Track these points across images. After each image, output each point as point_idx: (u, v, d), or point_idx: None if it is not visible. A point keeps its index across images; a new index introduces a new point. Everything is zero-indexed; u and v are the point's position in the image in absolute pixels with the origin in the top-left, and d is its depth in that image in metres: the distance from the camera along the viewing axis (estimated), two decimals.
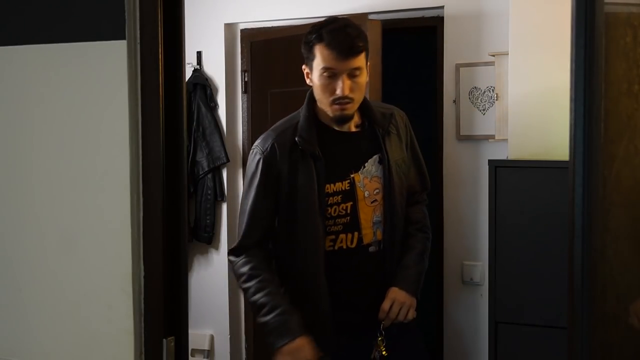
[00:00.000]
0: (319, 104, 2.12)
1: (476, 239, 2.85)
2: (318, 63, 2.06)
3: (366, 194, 2.15)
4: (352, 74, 2.04)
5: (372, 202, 2.16)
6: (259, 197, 2.10)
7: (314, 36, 2.06)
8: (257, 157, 2.13)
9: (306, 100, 2.17)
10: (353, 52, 2.03)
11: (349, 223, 2.12)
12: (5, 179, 1.58)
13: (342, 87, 2.04)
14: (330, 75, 2.04)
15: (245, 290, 2.09)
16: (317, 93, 2.10)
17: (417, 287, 2.15)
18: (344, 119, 2.11)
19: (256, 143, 2.19)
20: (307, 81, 2.13)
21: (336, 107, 2.08)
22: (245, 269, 2.09)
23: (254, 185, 2.11)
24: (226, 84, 3.30)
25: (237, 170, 3.36)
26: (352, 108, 2.09)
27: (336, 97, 2.05)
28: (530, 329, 2.31)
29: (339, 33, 2.03)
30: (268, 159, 2.11)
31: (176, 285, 1.51)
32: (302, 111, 2.16)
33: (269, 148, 2.12)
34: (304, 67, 2.13)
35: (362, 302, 2.12)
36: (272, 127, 2.21)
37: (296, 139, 2.10)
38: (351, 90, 2.04)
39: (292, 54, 3.21)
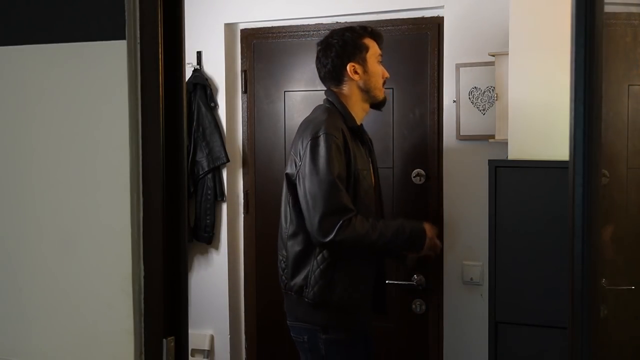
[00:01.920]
0: (372, 91, 2.42)
1: (476, 239, 2.85)
2: (375, 51, 2.44)
3: (372, 183, 2.45)
4: None
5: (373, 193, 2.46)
6: (341, 171, 2.25)
7: (360, 31, 2.44)
8: (330, 138, 2.25)
9: (336, 98, 2.42)
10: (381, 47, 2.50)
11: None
12: (5, 179, 1.58)
13: (385, 70, 2.47)
14: (380, 61, 2.45)
15: (381, 235, 2.26)
16: (374, 80, 2.43)
17: None
18: (385, 101, 2.49)
19: (317, 130, 2.27)
20: (355, 77, 2.40)
21: (383, 89, 2.47)
22: (367, 224, 2.25)
23: (333, 162, 2.24)
24: (226, 84, 3.29)
25: (237, 170, 3.36)
26: None
27: (385, 79, 2.46)
28: (530, 329, 2.31)
29: (376, 29, 2.50)
30: (339, 141, 2.27)
31: (176, 285, 1.51)
32: (338, 106, 2.40)
33: (337, 133, 2.28)
34: (352, 64, 2.40)
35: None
36: (317, 119, 2.34)
37: (351, 126, 2.36)
38: None
39: (292, 54, 3.21)
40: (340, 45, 2.40)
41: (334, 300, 2.30)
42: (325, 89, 2.50)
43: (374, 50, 2.43)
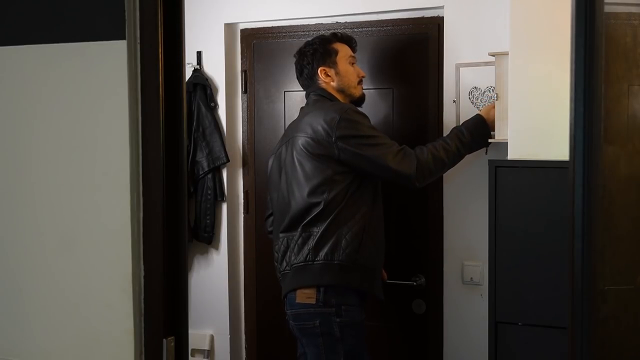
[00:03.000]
0: (347, 90, 2.64)
1: (476, 239, 2.85)
2: (345, 53, 2.66)
3: None
4: None
5: None
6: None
7: (329, 37, 2.68)
8: (356, 110, 2.56)
9: (324, 90, 2.64)
10: (356, 49, 2.74)
11: None
12: (5, 179, 1.58)
13: (360, 70, 2.71)
14: (353, 62, 2.67)
15: (447, 153, 2.53)
16: (347, 79, 2.65)
17: None
18: (364, 98, 2.72)
19: (339, 108, 2.51)
20: (328, 80, 2.64)
21: (360, 87, 2.69)
22: (428, 152, 2.51)
23: (368, 122, 2.55)
24: (226, 84, 3.29)
25: (237, 170, 3.36)
26: None
27: (360, 78, 2.68)
28: (530, 329, 2.31)
29: (345, 33, 2.75)
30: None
31: (176, 285, 1.51)
32: (328, 97, 2.63)
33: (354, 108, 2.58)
34: (322, 68, 2.63)
35: None
36: (325, 105, 2.56)
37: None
38: None
39: (292, 54, 3.21)
40: (311, 53, 2.65)
41: (361, 262, 2.48)
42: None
43: (344, 52, 2.66)
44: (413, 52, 3.03)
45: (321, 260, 2.46)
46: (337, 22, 3.10)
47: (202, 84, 3.24)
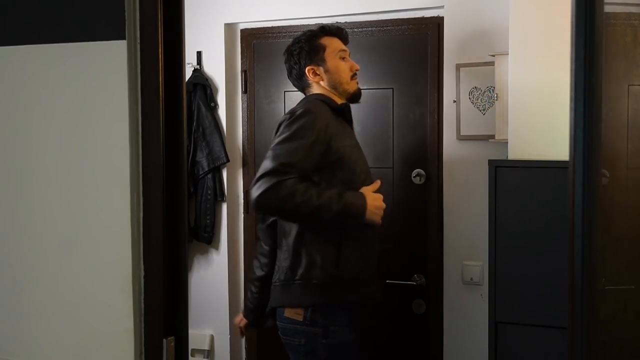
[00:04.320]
0: (339, 86, 2.42)
1: (476, 239, 2.85)
2: (334, 48, 2.44)
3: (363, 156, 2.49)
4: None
5: None
6: (315, 142, 2.22)
7: (317, 32, 2.46)
8: (310, 115, 2.26)
9: (316, 91, 2.45)
10: (347, 40, 2.51)
11: None
12: (5, 179, 1.58)
13: (353, 63, 2.47)
14: (344, 56, 2.45)
15: (308, 200, 2.16)
16: (337, 76, 2.42)
17: None
18: (360, 93, 2.48)
19: (295, 109, 2.29)
20: (317, 79, 2.43)
21: (354, 82, 2.46)
22: (300, 185, 2.17)
23: (312, 131, 2.22)
24: (226, 84, 3.29)
25: (237, 170, 3.36)
26: None
27: (353, 72, 2.45)
28: (530, 329, 2.31)
29: (334, 25, 2.51)
30: (322, 119, 2.27)
31: (176, 285, 1.51)
32: (318, 96, 2.41)
33: (321, 110, 2.30)
34: (309, 68, 2.43)
35: None
36: (297, 105, 2.37)
37: (333, 106, 2.37)
38: None
39: None
40: (297, 52, 2.45)
41: (343, 275, 2.26)
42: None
43: (332, 47, 2.44)
44: (413, 52, 3.03)
45: (299, 279, 2.29)
46: (337, 22, 3.09)
47: (202, 84, 3.25)
